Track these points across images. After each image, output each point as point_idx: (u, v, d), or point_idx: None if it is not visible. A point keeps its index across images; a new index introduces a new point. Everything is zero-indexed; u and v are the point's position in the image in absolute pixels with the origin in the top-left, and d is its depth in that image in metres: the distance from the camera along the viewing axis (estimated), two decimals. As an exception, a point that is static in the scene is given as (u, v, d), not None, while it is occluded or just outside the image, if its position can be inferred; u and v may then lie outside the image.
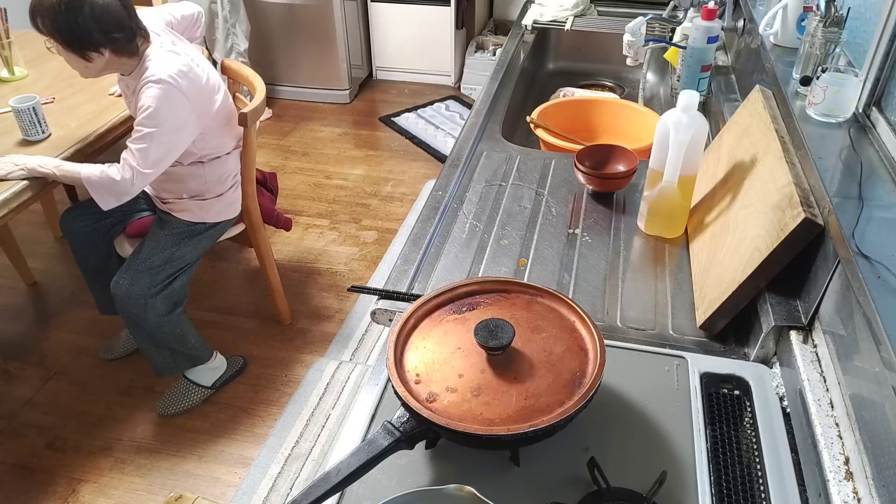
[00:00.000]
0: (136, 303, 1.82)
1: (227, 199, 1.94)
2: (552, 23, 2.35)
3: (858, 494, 0.73)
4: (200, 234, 1.92)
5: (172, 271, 1.88)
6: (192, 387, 2.09)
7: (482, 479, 0.83)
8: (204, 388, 2.10)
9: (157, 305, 1.86)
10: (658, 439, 0.88)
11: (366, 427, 0.91)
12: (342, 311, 2.45)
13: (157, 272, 1.84)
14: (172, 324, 1.93)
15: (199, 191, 1.87)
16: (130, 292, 1.81)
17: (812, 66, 1.27)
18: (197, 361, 2.05)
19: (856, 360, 0.81)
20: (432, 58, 3.97)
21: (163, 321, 1.89)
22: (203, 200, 1.89)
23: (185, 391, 2.08)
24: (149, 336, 1.92)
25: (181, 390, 2.08)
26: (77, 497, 1.84)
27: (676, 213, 1.25)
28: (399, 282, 1.17)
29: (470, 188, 1.44)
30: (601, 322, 1.09)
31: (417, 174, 3.27)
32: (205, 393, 2.10)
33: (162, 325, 1.90)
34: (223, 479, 1.88)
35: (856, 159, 1.05)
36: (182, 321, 1.96)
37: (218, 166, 1.86)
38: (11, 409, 2.09)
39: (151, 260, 1.84)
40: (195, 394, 2.09)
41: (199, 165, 1.82)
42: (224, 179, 1.90)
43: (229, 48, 3.52)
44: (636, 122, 1.73)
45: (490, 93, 1.88)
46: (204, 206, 1.89)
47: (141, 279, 1.82)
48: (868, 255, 0.82)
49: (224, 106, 1.80)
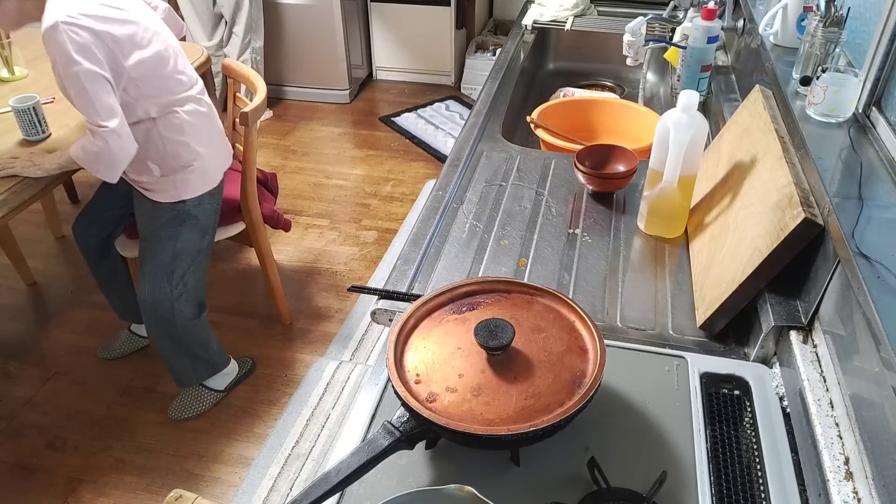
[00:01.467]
0: (163, 307, 1.83)
1: (199, 169, 1.79)
2: (552, 23, 2.35)
3: (858, 494, 0.73)
4: (191, 217, 1.83)
5: (185, 266, 1.85)
6: (206, 391, 2.09)
7: (482, 479, 0.83)
8: (217, 393, 2.10)
9: (184, 310, 1.87)
10: (658, 439, 0.88)
11: (366, 427, 0.91)
12: (342, 311, 2.45)
13: (170, 271, 1.83)
14: (199, 328, 1.94)
15: (160, 158, 1.72)
16: (155, 298, 1.82)
17: (812, 66, 1.27)
18: (217, 369, 2.06)
19: (856, 360, 0.81)
20: (432, 58, 3.98)
21: (190, 325, 1.90)
22: (173, 176, 1.75)
23: (198, 395, 2.08)
24: (174, 343, 1.92)
25: (194, 394, 2.08)
26: (77, 497, 1.84)
27: (676, 213, 1.25)
28: (399, 282, 1.17)
29: (470, 188, 1.44)
30: (601, 322, 1.09)
31: (417, 174, 3.27)
32: (217, 397, 2.10)
33: (189, 330, 1.90)
34: (223, 479, 1.88)
35: (856, 159, 1.05)
36: (207, 326, 1.97)
37: (173, 126, 1.71)
38: (11, 409, 2.09)
39: (159, 259, 1.83)
40: (208, 398, 2.09)
41: (150, 124, 1.67)
42: (186, 143, 1.74)
43: (246, 44, 3.51)
44: (636, 122, 1.73)
45: (490, 93, 1.88)
46: (176, 181, 1.77)
47: (160, 283, 1.82)
48: (868, 255, 0.82)
49: (159, 45, 1.64)
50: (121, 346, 2.27)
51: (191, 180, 1.80)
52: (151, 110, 1.66)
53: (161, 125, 1.69)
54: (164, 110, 1.68)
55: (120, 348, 2.27)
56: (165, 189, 1.78)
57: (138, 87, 1.61)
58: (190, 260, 1.86)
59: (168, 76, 1.67)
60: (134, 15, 1.60)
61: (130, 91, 1.61)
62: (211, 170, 1.85)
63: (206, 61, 2.31)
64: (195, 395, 2.08)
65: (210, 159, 1.83)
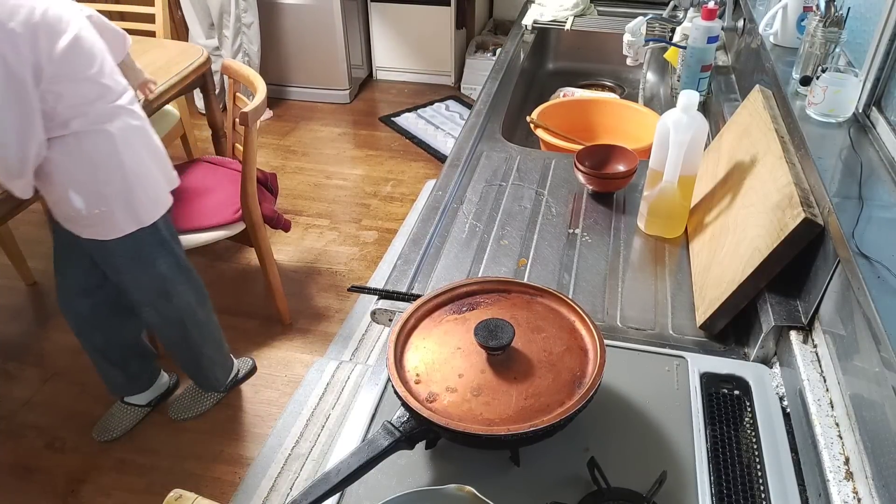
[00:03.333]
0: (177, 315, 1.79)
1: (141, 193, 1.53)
2: (552, 23, 2.35)
3: (858, 494, 0.73)
4: (149, 243, 1.62)
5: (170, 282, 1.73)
6: (204, 392, 2.08)
7: (482, 479, 0.83)
8: (217, 393, 2.09)
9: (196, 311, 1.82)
10: (658, 439, 0.88)
11: (366, 427, 0.91)
12: (342, 311, 2.45)
13: (168, 291, 1.74)
14: (212, 326, 1.92)
15: (86, 183, 1.46)
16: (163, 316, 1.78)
17: (812, 66, 1.27)
18: (229, 371, 2.05)
19: (856, 360, 0.81)
20: (432, 58, 3.98)
21: (202, 324, 1.87)
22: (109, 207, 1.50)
23: (198, 395, 2.07)
24: (192, 350, 1.90)
25: (194, 395, 2.07)
26: (77, 497, 1.84)
27: (676, 213, 1.25)
28: (399, 282, 1.17)
29: (470, 188, 1.44)
30: (601, 322, 1.09)
31: (417, 174, 3.27)
32: (217, 397, 2.09)
33: (203, 328, 1.87)
34: (223, 479, 1.88)
35: (856, 159, 1.05)
36: (217, 324, 1.95)
37: (102, 143, 1.45)
38: (10, 409, 2.09)
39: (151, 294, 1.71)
40: (208, 398, 2.08)
41: (73, 141, 1.41)
42: (121, 163, 1.48)
43: (237, 48, 3.50)
44: (636, 122, 1.73)
45: (490, 93, 1.88)
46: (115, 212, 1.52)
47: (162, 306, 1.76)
48: (868, 255, 0.82)
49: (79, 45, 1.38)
50: (119, 422, 2.01)
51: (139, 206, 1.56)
52: (73, 123, 1.40)
53: (86, 142, 1.44)
54: (91, 124, 1.43)
55: (120, 425, 2.01)
56: (104, 223, 1.53)
57: (58, 92, 1.36)
58: (171, 278, 1.73)
59: (93, 79, 1.42)
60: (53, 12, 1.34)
61: (48, 98, 1.35)
62: (158, 187, 1.61)
63: (205, 61, 2.31)
64: (195, 395, 2.07)
65: (150, 179, 1.57)
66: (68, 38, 1.35)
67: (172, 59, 2.26)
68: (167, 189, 1.64)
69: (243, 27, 3.46)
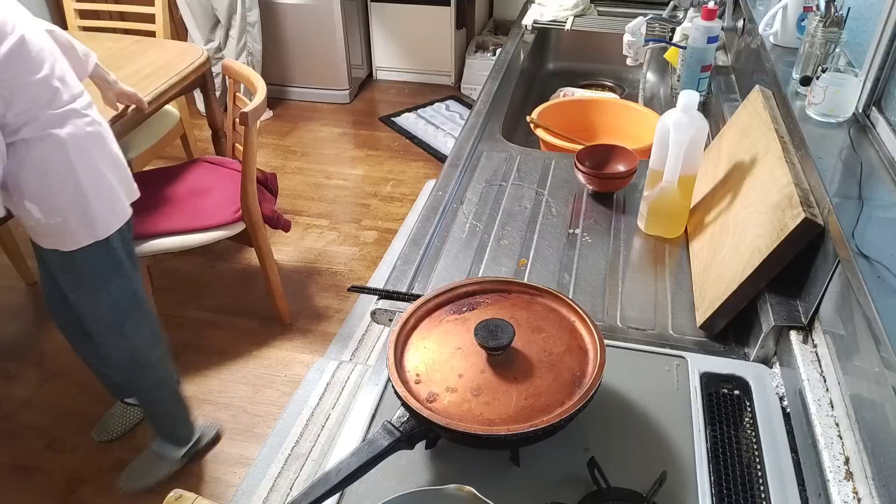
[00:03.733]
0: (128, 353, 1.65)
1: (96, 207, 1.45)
2: (552, 23, 2.35)
3: (858, 494, 0.73)
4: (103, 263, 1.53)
5: (122, 313, 1.61)
6: (160, 459, 1.86)
7: (482, 479, 0.83)
8: (174, 460, 1.87)
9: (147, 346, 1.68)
10: (658, 439, 0.88)
11: (366, 427, 0.91)
12: (342, 311, 2.45)
13: (121, 323, 1.61)
14: (166, 374, 1.76)
15: (40, 191, 1.39)
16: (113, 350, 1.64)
17: (812, 66, 1.27)
18: (192, 431, 1.88)
19: (856, 360, 0.81)
20: (432, 58, 3.98)
21: (155, 368, 1.71)
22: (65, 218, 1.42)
23: (150, 463, 1.86)
24: (145, 395, 1.78)
25: (146, 462, 1.86)
26: (77, 497, 1.84)
27: (676, 213, 1.25)
28: (399, 282, 1.17)
29: (470, 188, 1.44)
30: (601, 322, 1.09)
31: (417, 174, 3.27)
32: (172, 467, 1.87)
33: (156, 372, 1.72)
34: (223, 479, 1.88)
35: (856, 159, 1.05)
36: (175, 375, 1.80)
37: (52, 150, 1.36)
38: (10, 409, 2.09)
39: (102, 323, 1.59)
40: (162, 466, 1.86)
41: (22, 148, 1.33)
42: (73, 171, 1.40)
43: (241, 47, 3.50)
44: (636, 122, 1.73)
45: (490, 93, 1.88)
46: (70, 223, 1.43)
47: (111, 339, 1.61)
48: (868, 255, 0.82)
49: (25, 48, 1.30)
50: (118, 422, 2.01)
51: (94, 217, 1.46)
52: (24, 129, 1.33)
53: (35, 149, 1.35)
54: (40, 129, 1.35)
55: (120, 426, 2.01)
56: (60, 233, 1.45)
57: (6, 98, 1.28)
58: (135, 307, 1.63)
59: (42, 82, 1.33)
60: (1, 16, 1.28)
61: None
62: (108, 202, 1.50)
63: (205, 61, 2.31)
64: (148, 462, 1.87)
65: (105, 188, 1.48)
66: (11, 42, 1.27)
67: (172, 59, 2.26)
68: (126, 201, 1.54)
69: (248, 26, 3.46)
